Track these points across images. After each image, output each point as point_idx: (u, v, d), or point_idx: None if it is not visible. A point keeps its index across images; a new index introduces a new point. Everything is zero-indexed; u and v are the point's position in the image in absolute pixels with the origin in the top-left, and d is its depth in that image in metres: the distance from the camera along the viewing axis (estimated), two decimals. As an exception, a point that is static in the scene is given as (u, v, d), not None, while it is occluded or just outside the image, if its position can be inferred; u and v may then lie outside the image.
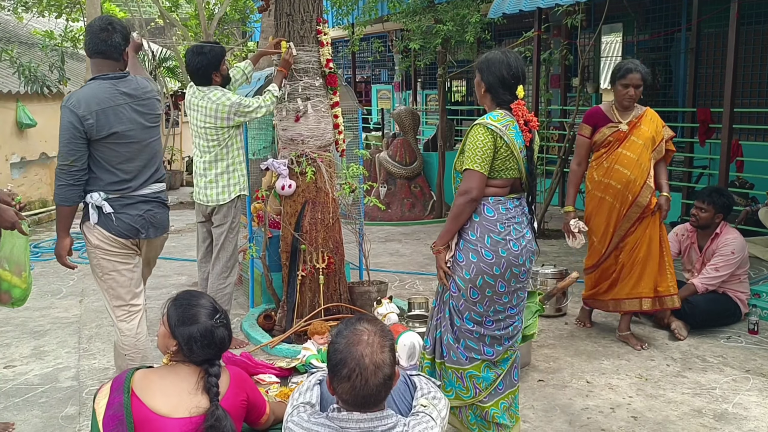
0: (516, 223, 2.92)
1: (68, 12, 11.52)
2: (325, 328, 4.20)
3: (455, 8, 7.91)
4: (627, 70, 4.23)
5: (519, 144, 2.87)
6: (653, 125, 4.31)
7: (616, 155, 4.31)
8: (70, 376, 4.17)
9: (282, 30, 4.56)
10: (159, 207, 3.44)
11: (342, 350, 1.98)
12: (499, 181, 2.89)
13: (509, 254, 2.88)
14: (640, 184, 4.26)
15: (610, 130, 4.33)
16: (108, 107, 3.23)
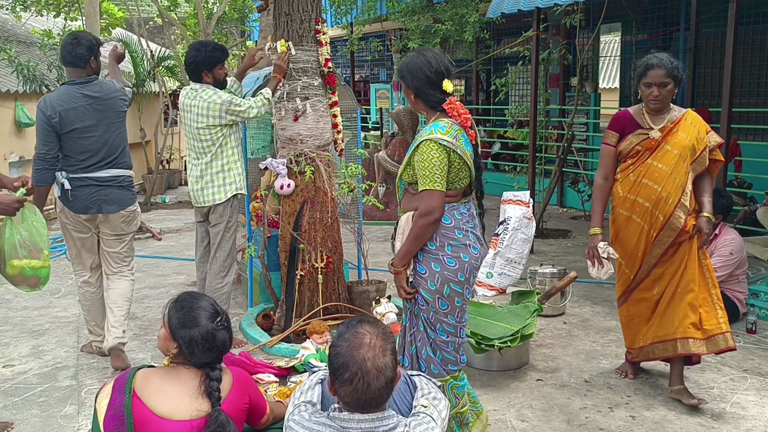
0: (471, 227, 2.90)
1: (66, 11, 11.51)
2: (323, 327, 4.21)
3: (454, 8, 7.92)
4: (647, 66, 3.55)
5: (469, 151, 2.84)
6: (694, 131, 3.55)
7: (645, 167, 3.59)
8: (68, 375, 4.17)
9: (281, 29, 4.56)
10: (115, 188, 4.12)
11: (344, 354, 1.97)
12: (453, 191, 2.85)
13: (471, 258, 2.86)
14: (673, 202, 3.52)
15: (638, 138, 3.60)
16: (70, 108, 3.97)
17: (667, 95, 3.53)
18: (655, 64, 3.51)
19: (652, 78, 3.51)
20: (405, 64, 2.91)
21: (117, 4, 12.35)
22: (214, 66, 4.47)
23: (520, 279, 5.71)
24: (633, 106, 3.70)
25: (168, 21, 11.64)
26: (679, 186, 3.53)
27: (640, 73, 3.59)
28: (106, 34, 12.07)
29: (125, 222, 4.21)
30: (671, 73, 3.49)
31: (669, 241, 3.58)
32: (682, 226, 3.53)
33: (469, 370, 4.06)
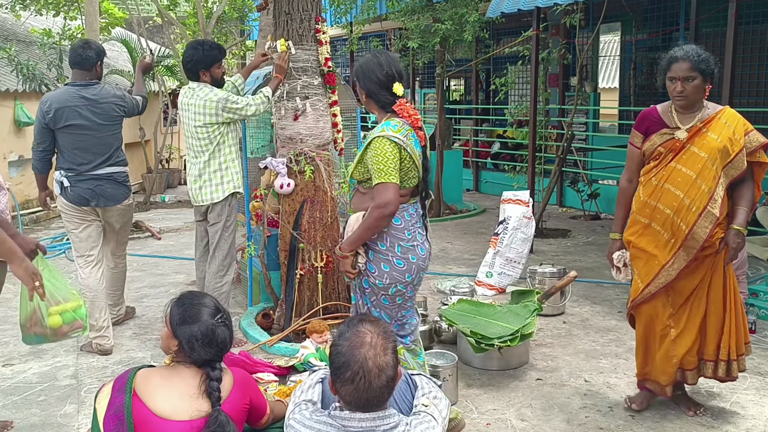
0: (419, 227, 2.98)
1: (66, 10, 11.50)
2: (323, 326, 4.21)
3: (454, 7, 7.91)
4: (671, 59, 3.24)
5: (418, 151, 2.92)
6: (727, 131, 3.20)
7: (668, 171, 3.27)
8: (68, 374, 4.17)
9: (281, 29, 4.56)
10: (110, 184, 4.51)
11: (345, 353, 1.97)
12: (403, 190, 2.91)
13: (418, 259, 2.94)
14: (697, 210, 3.20)
15: (662, 138, 3.30)
16: (65, 106, 4.37)
17: (693, 91, 3.19)
18: (679, 56, 3.20)
19: (675, 72, 3.20)
20: (359, 66, 3.00)
21: (116, 4, 12.34)
22: (212, 65, 4.49)
23: (519, 278, 5.71)
24: (663, 102, 3.40)
25: (167, 20, 11.63)
26: (705, 193, 3.19)
27: (664, 66, 3.28)
28: (106, 33, 12.06)
29: (120, 214, 4.63)
30: (698, 67, 3.17)
31: (692, 254, 3.24)
32: (706, 237, 3.20)
33: (468, 370, 4.07)
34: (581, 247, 7.21)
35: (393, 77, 2.92)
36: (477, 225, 8.56)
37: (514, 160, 10.27)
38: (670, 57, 3.25)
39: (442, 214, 9.03)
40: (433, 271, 6.34)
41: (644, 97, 10.20)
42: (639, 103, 10.12)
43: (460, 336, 4.18)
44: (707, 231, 3.20)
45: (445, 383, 3.52)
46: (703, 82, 3.19)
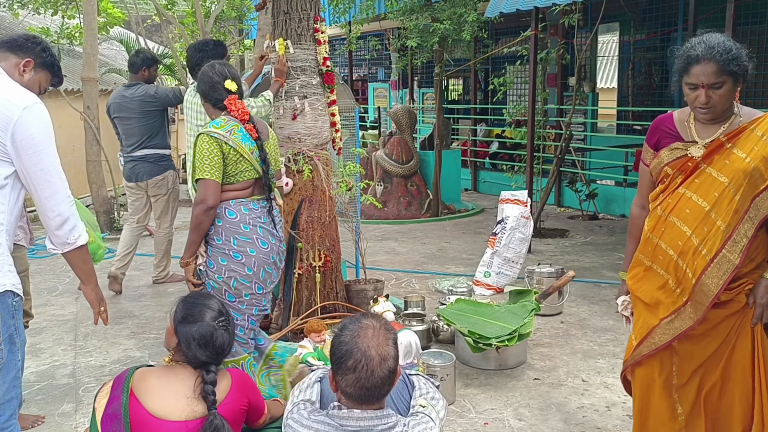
0: (262, 222, 3.05)
1: (63, 9, 11.49)
2: (321, 326, 4.20)
3: (452, 7, 7.91)
4: (689, 59, 2.40)
5: (248, 145, 3.00)
6: (764, 148, 2.38)
7: (675, 199, 2.52)
8: (66, 373, 4.17)
9: (279, 28, 4.56)
10: (144, 163, 5.67)
11: (348, 342, 1.98)
12: (237, 184, 3.02)
13: (259, 253, 3.00)
14: (708, 254, 2.42)
15: (672, 155, 2.54)
16: (114, 102, 5.71)
17: (721, 100, 2.38)
18: (701, 55, 2.35)
19: (696, 77, 2.38)
20: (199, 76, 3.20)
21: (115, 3, 12.33)
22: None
23: (517, 278, 5.72)
24: (680, 110, 2.66)
25: (166, 19, 11.63)
26: (721, 231, 2.40)
27: (680, 67, 2.46)
28: (104, 32, 12.05)
29: (155, 186, 5.71)
30: (727, 69, 2.34)
31: (701, 311, 2.45)
32: (718, 291, 2.40)
33: (466, 369, 4.07)
34: (579, 247, 7.21)
35: (224, 75, 3.09)
36: (475, 225, 8.57)
37: (512, 159, 10.28)
38: (687, 55, 2.41)
39: (440, 213, 9.03)
40: (431, 270, 6.35)
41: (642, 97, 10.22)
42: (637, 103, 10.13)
43: (457, 335, 4.19)
44: (720, 283, 2.40)
45: (442, 383, 3.53)
46: (734, 85, 2.39)
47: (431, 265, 6.60)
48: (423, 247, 7.38)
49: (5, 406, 2.33)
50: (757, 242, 2.45)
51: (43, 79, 2.74)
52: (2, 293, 2.29)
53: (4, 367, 2.30)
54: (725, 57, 2.34)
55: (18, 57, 2.62)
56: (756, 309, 2.45)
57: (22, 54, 2.63)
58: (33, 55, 2.66)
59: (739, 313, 2.47)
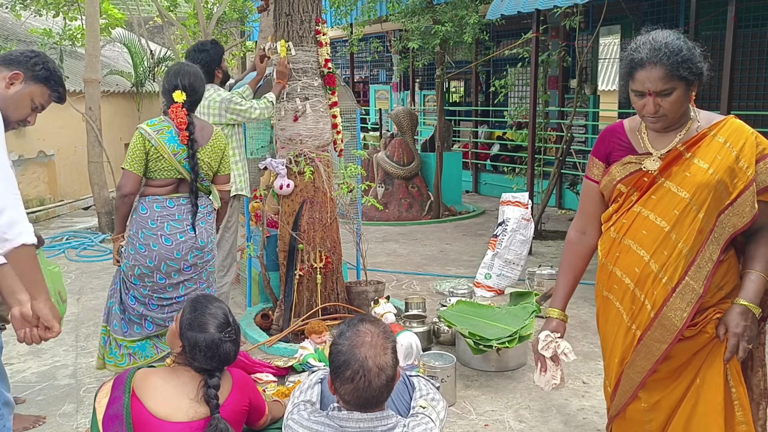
0: (175, 220, 3.28)
1: (65, 11, 11.51)
2: (322, 327, 4.22)
3: (454, 9, 7.93)
4: (634, 63, 2.08)
5: (173, 147, 3.26)
6: (728, 156, 2.09)
7: (630, 218, 2.20)
8: (67, 374, 4.18)
9: (281, 30, 4.57)
10: None
11: (345, 352, 1.97)
12: (157, 181, 3.31)
13: (161, 248, 3.26)
14: (669, 282, 2.11)
15: (624, 171, 2.22)
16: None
17: (673, 108, 2.07)
18: (646, 58, 2.04)
19: (642, 83, 2.07)
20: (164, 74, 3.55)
21: (116, 4, 12.35)
22: (221, 61, 4.67)
23: (518, 280, 5.72)
24: (630, 117, 2.35)
25: (168, 21, 11.65)
26: (683, 255, 2.09)
27: (624, 72, 2.14)
28: (106, 34, 12.08)
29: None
30: (676, 73, 2.02)
31: (661, 348, 2.13)
32: (683, 325, 2.10)
33: (467, 371, 4.07)
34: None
35: (176, 86, 3.35)
36: (476, 226, 8.57)
37: (513, 162, 10.28)
38: (631, 59, 2.10)
39: (442, 215, 9.04)
40: (432, 272, 6.36)
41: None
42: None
43: (458, 337, 4.19)
44: (684, 316, 2.09)
45: (443, 384, 3.53)
46: (686, 90, 2.07)
47: (432, 266, 6.60)
48: (424, 248, 7.39)
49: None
50: (725, 267, 2.13)
51: (36, 94, 2.67)
52: None
53: None
54: (673, 60, 2.01)
55: (8, 70, 2.61)
56: (729, 340, 2.09)
57: (13, 67, 2.62)
58: (23, 68, 2.63)
59: (705, 348, 2.13)
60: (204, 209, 3.41)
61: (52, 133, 9.92)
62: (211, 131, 3.46)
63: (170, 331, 2.39)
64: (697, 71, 2.06)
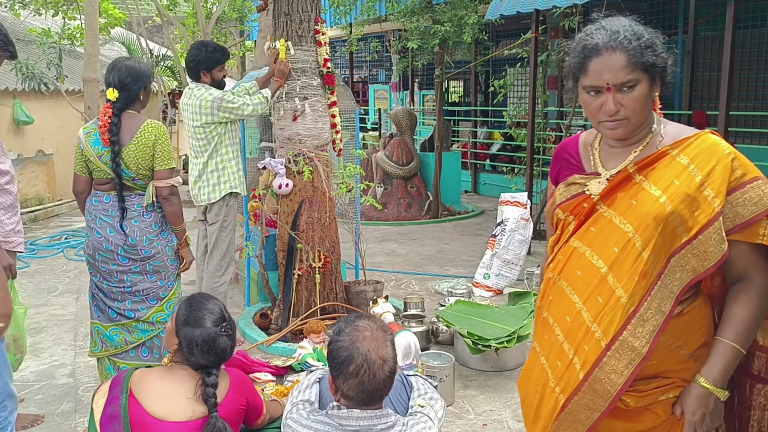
0: (108, 215, 3.38)
1: (64, 10, 11.51)
2: (321, 327, 4.22)
3: (453, 9, 7.93)
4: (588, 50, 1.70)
5: (97, 150, 3.31)
6: (688, 182, 1.65)
7: (566, 255, 1.81)
8: (65, 373, 4.18)
9: (280, 29, 4.57)
10: None
11: (347, 347, 1.97)
12: (98, 179, 3.41)
13: (94, 239, 3.39)
14: (603, 338, 1.68)
15: (567, 193, 1.84)
16: None
17: (637, 107, 1.66)
18: (602, 44, 1.66)
19: (599, 75, 1.66)
20: None
21: (116, 4, 12.34)
22: (214, 67, 4.52)
23: (517, 280, 5.73)
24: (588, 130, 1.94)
25: (167, 20, 11.65)
26: (621, 305, 1.66)
27: (575, 66, 1.76)
28: (105, 33, 12.07)
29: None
30: (640, 60, 1.65)
31: (591, 417, 1.70)
32: (617, 391, 1.67)
33: (465, 371, 4.08)
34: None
35: (109, 84, 3.36)
36: (475, 226, 8.57)
37: (512, 162, 10.29)
38: (584, 46, 1.71)
39: (440, 215, 9.04)
40: (431, 272, 6.36)
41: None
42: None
43: (457, 337, 4.20)
44: (621, 381, 1.66)
45: (441, 384, 3.53)
46: (651, 86, 1.67)
47: (431, 266, 6.60)
48: (423, 248, 7.39)
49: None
50: (685, 322, 1.70)
51: None
52: None
53: None
54: (636, 44, 1.65)
55: None
56: (685, 428, 1.70)
57: None
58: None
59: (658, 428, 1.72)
60: (140, 208, 3.39)
61: (51, 132, 9.92)
62: (137, 128, 3.33)
63: (167, 331, 2.39)
64: (662, 62, 1.68)
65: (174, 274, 3.55)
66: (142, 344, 3.49)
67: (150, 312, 3.45)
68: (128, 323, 3.45)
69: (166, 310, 3.50)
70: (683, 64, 8.68)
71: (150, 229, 3.41)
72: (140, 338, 3.47)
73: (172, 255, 3.51)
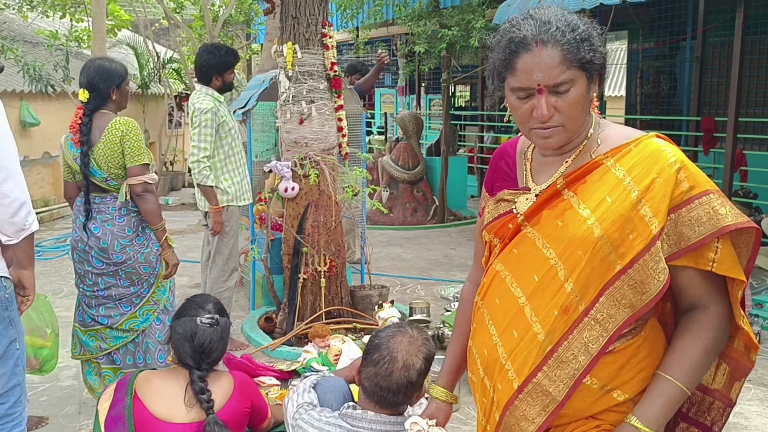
0: (81, 215, 3.34)
1: (72, 12, 11.55)
2: (326, 331, 4.20)
3: (460, 13, 7.92)
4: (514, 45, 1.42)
5: (72, 152, 3.30)
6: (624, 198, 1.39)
7: (489, 278, 1.60)
8: (70, 375, 4.17)
9: (287, 32, 4.56)
10: None
11: (382, 338, 2.01)
12: (79, 182, 3.37)
13: (72, 238, 3.41)
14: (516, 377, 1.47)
15: (495, 211, 1.62)
16: None
17: (573, 110, 1.41)
18: (531, 37, 1.40)
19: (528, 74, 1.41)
20: None
21: (123, 6, 12.39)
22: (226, 70, 4.47)
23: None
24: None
25: (174, 23, 11.68)
26: (537, 342, 1.45)
27: (500, 63, 1.48)
28: (112, 35, 12.11)
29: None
30: (576, 56, 1.39)
31: None
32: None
33: (471, 377, 4.04)
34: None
35: (81, 84, 3.32)
36: (481, 231, 8.53)
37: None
38: (509, 39, 1.45)
39: (446, 220, 9.02)
40: (437, 277, 6.34)
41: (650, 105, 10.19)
42: (645, 111, 10.11)
43: (463, 343, 4.16)
44: (531, 429, 1.46)
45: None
46: (588, 85, 1.43)
47: (436, 271, 6.58)
48: (428, 253, 7.37)
49: (8, 394, 2.36)
50: (620, 361, 1.45)
51: None
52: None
53: (3, 356, 2.33)
54: (570, 37, 1.37)
55: None
56: None
57: None
58: None
59: None
60: (114, 211, 3.30)
61: (58, 134, 9.87)
62: (106, 125, 3.26)
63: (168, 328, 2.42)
64: (600, 58, 1.42)
65: (148, 282, 3.39)
66: (116, 350, 3.42)
67: (123, 319, 3.37)
68: (101, 329, 3.39)
69: (140, 317, 3.39)
70: (692, 70, 8.64)
71: (122, 234, 3.30)
72: (114, 345, 3.40)
73: (145, 262, 3.34)
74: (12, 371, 2.37)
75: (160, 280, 3.45)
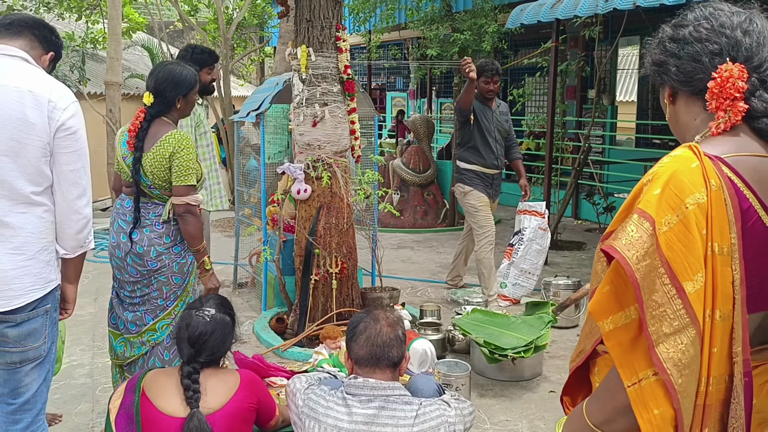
0: (125, 221, 3.24)
1: (88, 14, 11.65)
2: (337, 332, 4.22)
3: (473, 17, 7.94)
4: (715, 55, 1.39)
5: (123, 150, 3.22)
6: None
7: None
8: (83, 373, 4.21)
9: (301, 35, 4.59)
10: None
11: (360, 317, 2.28)
12: (123, 181, 3.30)
13: (110, 243, 3.33)
14: None
15: None
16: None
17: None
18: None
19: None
20: None
21: (137, 9, 12.48)
22: (200, 69, 4.31)
23: (534, 290, 5.70)
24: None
25: (188, 26, 11.75)
26: None
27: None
28: (127, 37, 12.20)
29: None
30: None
31: None
32: None
33: (481, 380, 4.06)
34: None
35: (147, 87, 3.26)
36: (491, 235, 8.54)
37: (530, 171, 10.25)
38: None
39: (457, 223, 9.02)
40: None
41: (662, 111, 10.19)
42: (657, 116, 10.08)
43: (473, 346, 4.18)
44: None
45: (457, 392, 3.52)
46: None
47: (445, 275, 6.58)
48: (439, 256, 7.37)
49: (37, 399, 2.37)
50: None
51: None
52: (55, 288, 2.36)
53: (44, 360, 2.36)
54: None
55: (42, 49, 2.44)
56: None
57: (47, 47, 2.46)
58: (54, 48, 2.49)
59: None
60: (154, 217, 3.20)
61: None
62: (159, 137, 3.15)
63: None
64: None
65: (175, 294, 3.25)
66: (134, 361, 3.29)
67: (144, 329, 3.24)
68: (131, 337, 3.28)
69: (158, 330, 3.25)
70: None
71: (160, 241, 3.18)
72: (135, 354, 3.29)
73: (178, 272, 3.22)
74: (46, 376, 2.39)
75: (186, 295, 3.30)
